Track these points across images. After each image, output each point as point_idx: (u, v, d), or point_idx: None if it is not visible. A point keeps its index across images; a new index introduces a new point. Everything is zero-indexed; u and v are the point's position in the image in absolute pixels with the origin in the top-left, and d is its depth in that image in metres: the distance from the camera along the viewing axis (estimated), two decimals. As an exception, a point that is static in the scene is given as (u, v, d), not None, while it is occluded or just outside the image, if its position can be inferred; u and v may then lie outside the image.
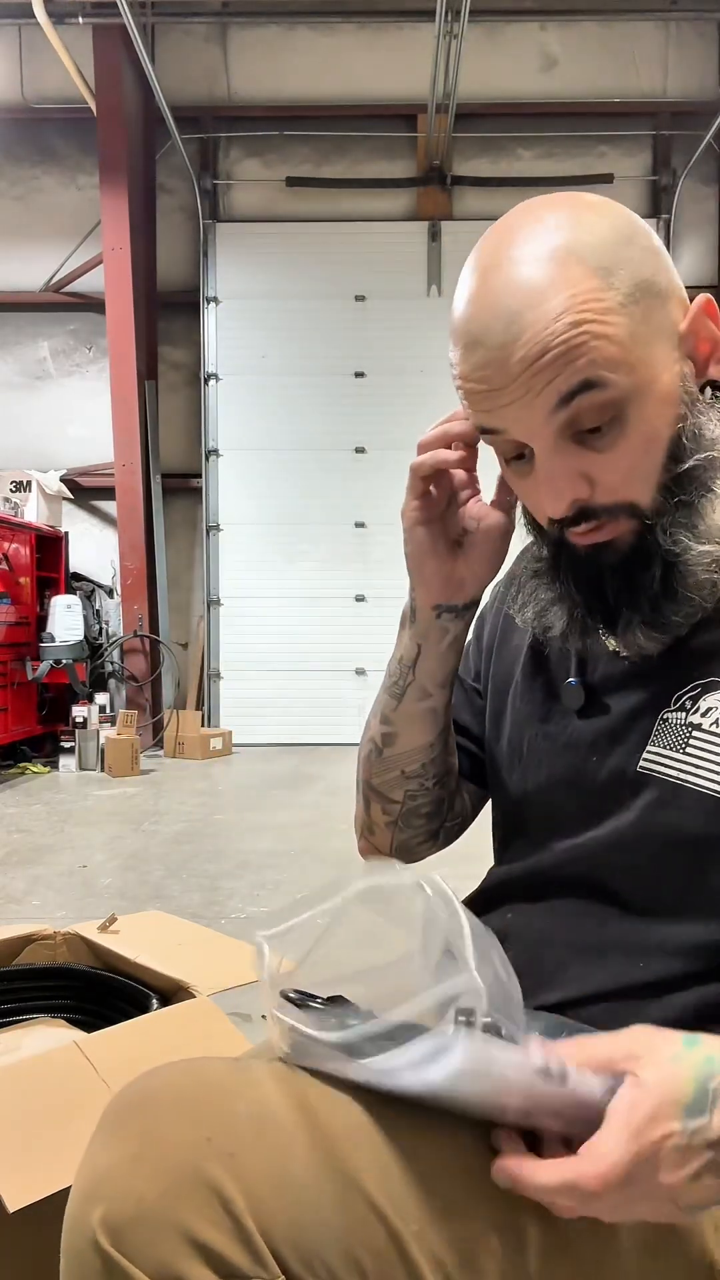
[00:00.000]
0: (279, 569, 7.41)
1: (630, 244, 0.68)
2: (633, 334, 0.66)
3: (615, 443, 0.68)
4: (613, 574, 0.72)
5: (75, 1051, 1.13)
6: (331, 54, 7.28)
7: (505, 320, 0.66)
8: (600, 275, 0.65)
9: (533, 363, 0.65)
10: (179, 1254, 0.53)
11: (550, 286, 0.65)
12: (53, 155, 7.51)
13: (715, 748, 0.69)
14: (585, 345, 0.64)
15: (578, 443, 0.68)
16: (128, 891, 3.32)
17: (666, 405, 0.68)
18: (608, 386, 0.65)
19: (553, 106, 7.27)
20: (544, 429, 0.68)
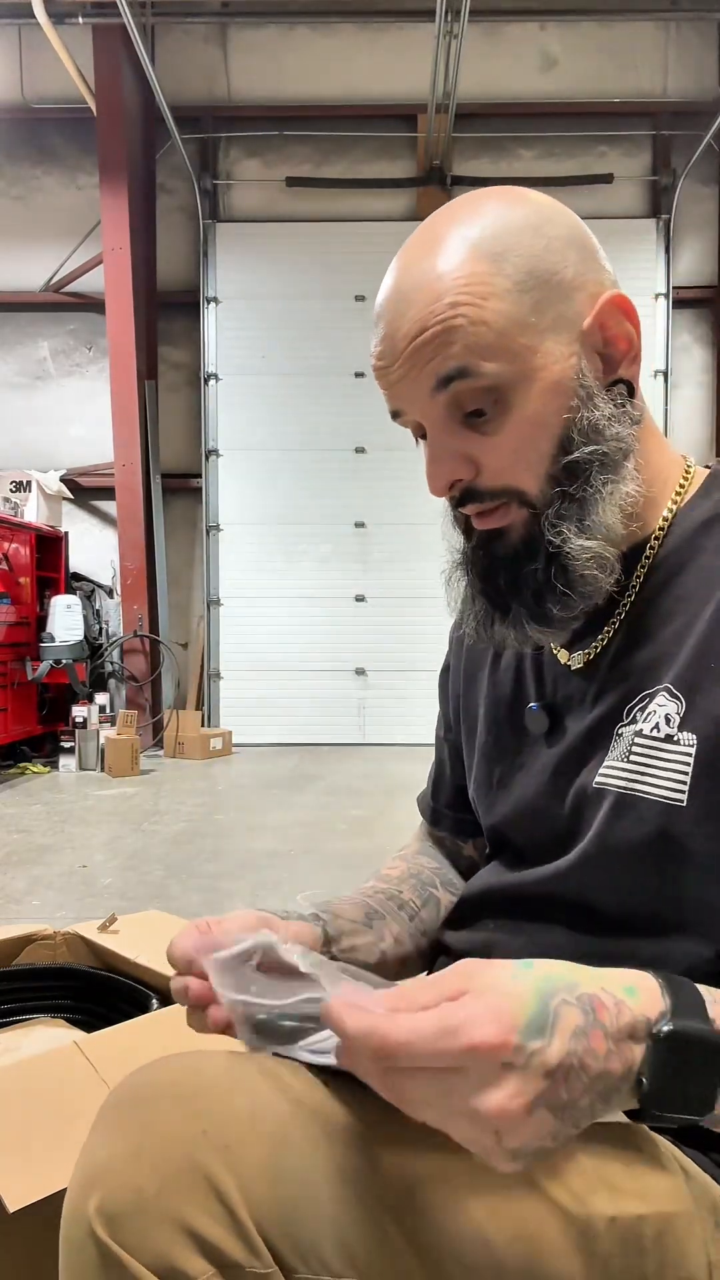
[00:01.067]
0: (279, 569, 7.41)
1: (536, 234, 0.69)
2: (517, 321, 0.67)
3: (499, 427, 0.69)
4: (503, 564, 0.73)
5: (75, 1051, 1.13)
6: (331, 54, 7.28)
7: (397, 300, 0.69)
8: (489, 261, 0.67)
9: (413, 339, 0.67)
10: (175, 1244, 0.54)
11: (437, 270, 0.67)
12: (53, 155, 7.51)
13: (654, 753, 0.69)
14: (461, 329, 0.66)
15: (466, 425, 0.70)
16: (128, 891, 3.32)
17: (556, 395, 0.68)
18: (480, 374, 0.67)
19: (553, 106, 7.27)
20: (429, 409, 0.70)
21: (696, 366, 7.52)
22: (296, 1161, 0.57)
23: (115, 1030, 1.21)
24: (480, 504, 0.72)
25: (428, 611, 7.19)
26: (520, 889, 0.79)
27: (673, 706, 0.69)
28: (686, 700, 0.69)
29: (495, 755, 0.84)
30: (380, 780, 5.63)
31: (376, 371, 0.72)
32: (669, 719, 0.69)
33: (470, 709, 0.92)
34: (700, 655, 0.69)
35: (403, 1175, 0.58)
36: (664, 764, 0.69)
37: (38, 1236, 0.86)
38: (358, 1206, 0.57)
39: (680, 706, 0.69)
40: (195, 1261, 0.54)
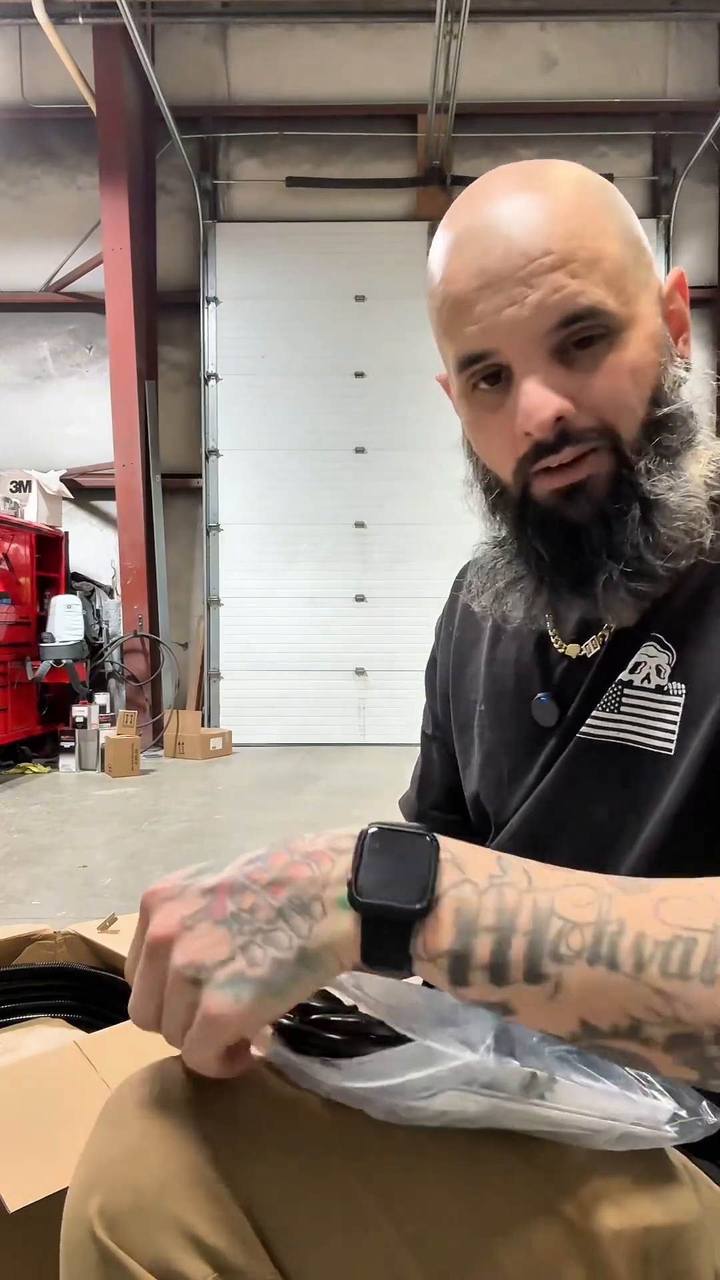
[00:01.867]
0: (279, 569, 7.41)
1: (620, 201, 0.71)
2: (625, 265, 0.68)
3: (604, 362, 0.66)
4: (591, 523, 0.68)
5: (75, 1051, 1.13)
6: (331, 54, 7.28)
7: (511, 214, 0.66)
8: (605, 203, 0.69)
9: (537, 259, 0.64)
10: (175, 1246, 0.53)
11: (556, 200, 0.67)
12: (53, 155, 7.51)
13: (645, 703, 0.69)
14: (588, 259, 0.65)
15: (565, 363, 0.66)
16: (128, 891, 3.32)
17: (652, 346, 0.69)
18: (606, 310, 0.65)
19: (553, 106, 7.27)
20: (537, 345, 0.66)
21: (697, 366, 7.50)
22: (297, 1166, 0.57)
23: (115, 1030, 1.21)
24: (577, 446, 0.67)
25: (428, 611, 7.13)
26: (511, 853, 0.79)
27: (664, 657, 0.69)
28: (677, 651, 0.69)
29: (503, 752, 0.83)
30: (380, 780, 5.63)
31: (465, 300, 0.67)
32: (659, 669, 0.69)
33: (463, 706, 0.90)
34: (692, 605, 0.69)
35: (406, 1182, 0.58)
36: (654, 714, 0.69)
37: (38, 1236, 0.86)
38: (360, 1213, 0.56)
39: (671, 657, 0.69)
40: (196, 1265, 0.53)
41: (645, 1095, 0.58)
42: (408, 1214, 0.57)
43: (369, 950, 0.50)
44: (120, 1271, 0.53)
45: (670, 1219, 0.60)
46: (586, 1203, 0.59)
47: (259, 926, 0.50)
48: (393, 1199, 0.57)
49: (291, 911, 0.50)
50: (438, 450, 7.19)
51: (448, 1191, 0.58)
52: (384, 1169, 0.57)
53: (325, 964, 0.50)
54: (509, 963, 0.49)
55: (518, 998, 0.49)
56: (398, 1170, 0.58)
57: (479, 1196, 0.58)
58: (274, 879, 0.50)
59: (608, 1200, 0.59)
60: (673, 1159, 0.64)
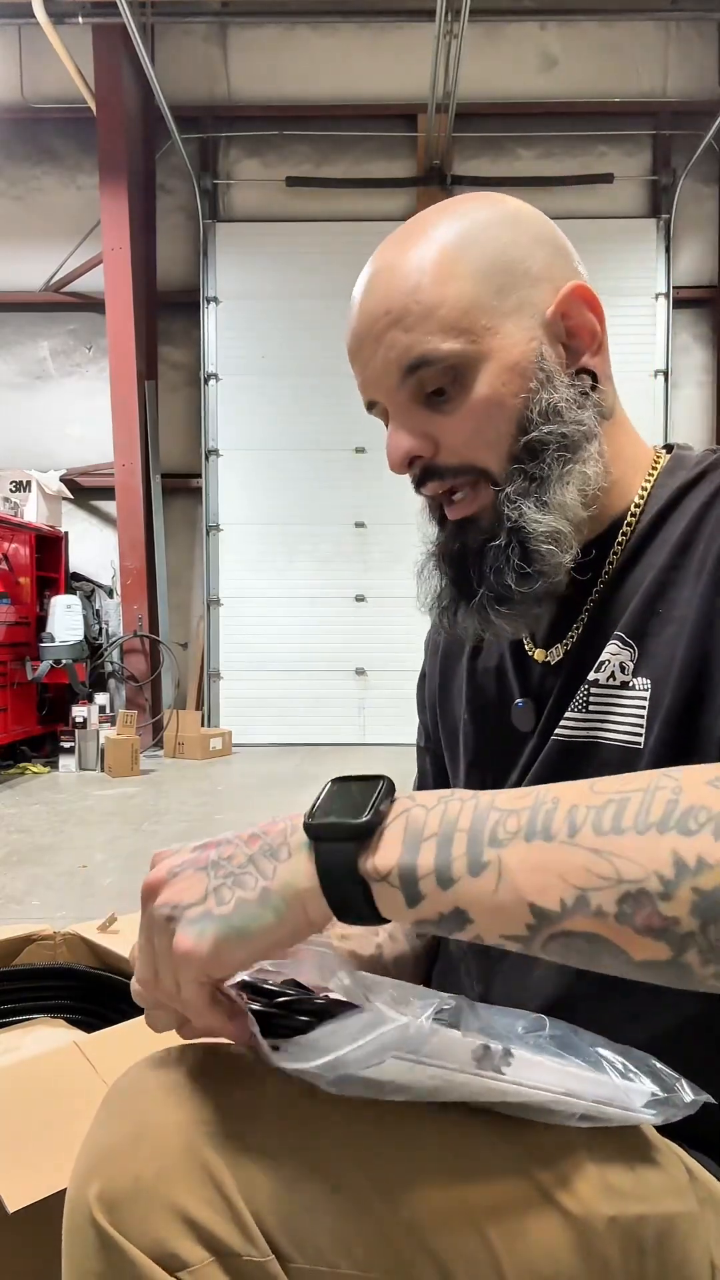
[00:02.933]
0: (279, 569, 7.41)
1: (504, 228, 0.73)
2: (477, 302, 0.70)
3: (459, 405, 0.71)
4: (473, 549, 0.74)
5: (75, 1051, 1.13)
6: (331, 54, 7.28)
7: (366, 286, 0.73)
8: (455, 249, 0.71)
9: (379, 319, 0.71)
10: (172, 1231, 0.54)
11: (405, 257, 0.71)
12: (53, 155, 7.51)
13: (611, 700, 0.71)
14: (421, 311, 0.69)
15: (427, 406, 0.72)
16: (128, 891, 3.32)
17: (514, 376, 0.71)
18: (441, 357, 0.69)
19: (553, 106, 7.27)
20: (394, 394, 0.73)
21: (696, 366, 7.52)
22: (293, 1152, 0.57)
23: (115, 1030, 1.21)
24: (440, 481, 0.74)
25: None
26: None
27: (626, 654, 0.71)
28: (638, 647, 0.70)
29: (486, 761, 0.84)
30: (380, 780, 5.62)
31: (350, 359, 0.75)
32: (623, 667, 0.71)
33: (449, 718, 0.92)
34: (648, 602, 0.70)
35: (401, 1170, 0.58)
36: (621, 710, 0.70)
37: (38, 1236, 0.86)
38: (356, 1198, 0.57)
39: (633, 654, 0.70)
40: (193, 1249, 0.54)
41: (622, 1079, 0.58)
42: (403, 1200, 0.57)
43: (326, 884, 0.52)
44: (119, 1255, 0.54)
45: (665, 1210, 0.61)
46: (582, 1192, 0.59)
47: (231, 871, 0.54)
48: (388, 1185, 0.57)
49: (261, 856, 0.54)
50: (438, 450, 7.18)
51: (443, 1178, 0.58)
52: (380, 1155, 0.58)
53: (289, 906, 0.53)
54: (451, 859, 0.50)
55: (466, 896, 0.50)
56: (393, 1157, 0.58)
57: (474, 1183, 0.58)
58: (249, 835, 0.55)
59: (603, 1190, 0.60)
60: (669, 1150, 0.65)
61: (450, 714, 0.91)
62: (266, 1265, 0.55)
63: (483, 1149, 0.60)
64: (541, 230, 0.75)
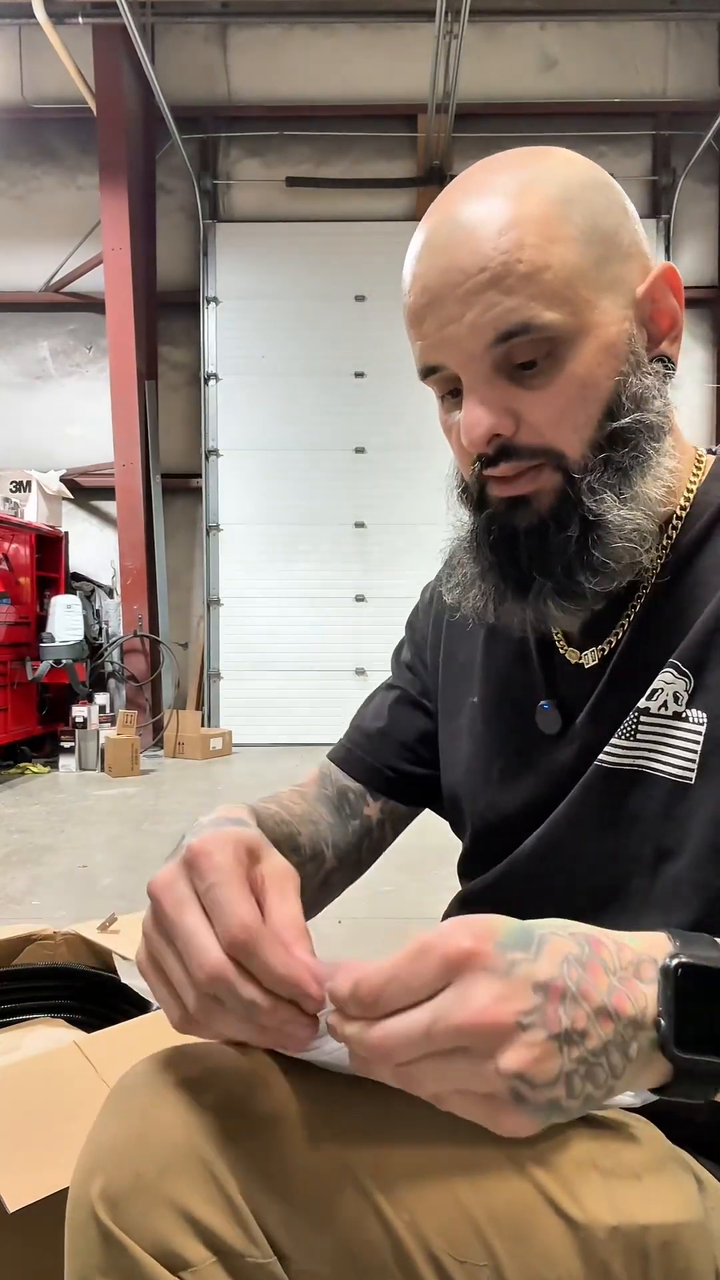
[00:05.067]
0: (279, 569, 7.41)
1: (599, 191, 0.67)
2: (580, 272, 0.64)
3: (549, 381, 0.65)
4: (527, 535, 0.68)
5: (75, 1051, 1.13)
6: (331, 54, 7.28)
7: (452, 232, 0.65)
8: (558, 204, 0.64)
9: (473, 276, 0.63)
10: (174, 1229, 0.54)
11: (501, 206, 0.64)
12: (53, 155, 7.51)
13: (662, 730, 0.68)
14: (525, 272, 0.63)
15: (511, 379, 0.66)
16: (128, 891, 3.32)
17: (609, 355, 0.66)
18: (542, 327, 0.63)
19: (553, 106, 7.27)
20: (478, 361, 0.65)
21: (696, 366, 7.52)
22: (296, 1153, 0.57)
23: (115, 1030, 1.21)
24: (517, 463, 0.67)
25: (428, 611, 7.19)
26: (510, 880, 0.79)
27: (681, 684, 0.67)
28: (695, 677, 0.67)
29: (497, 748, 0.82)
30: (380, 780, 5.63)
31: (416, 315, 0.67)
32: (677, 696, 0.67)
33: (453, 693, 0.88)
34: (710, 631, 0.67)
35: (404, 1172, 0.58)
36: (673, 742, 0.67)
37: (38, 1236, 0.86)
38: (358, 1200, 0.57)
39: (689, 684, 0.67)
40: (195, 1248, 0.54)
41: None
42: (405, 1203, 0.57)
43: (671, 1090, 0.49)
44: (121, 1253, 0.54)
45: (670, 1218, 0.60)
46: (585, 1199, 0.59)
47: (585, 1056, 0.46)
48: (391, 1187, 0.57)
49: (613, 1049, 0.47)
50: (438, 450, 7.15)
51: (446, 1183, 0.58)
52: (383, 1157, 0.58)
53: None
54: None
55: None
56: (397, 1159, 0.58)
57: (478, 1187, 0.58)
58: (600, 1006, 0.46)
59: (606, 1198, 0.59)
60: (677, 1158, 0.64)
61: (454, 689, 0.88)
62: (269, 1266, 0.55)
63: (487, 1154, 0.59)
64: (625, 200, 0.69)
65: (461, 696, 0.87)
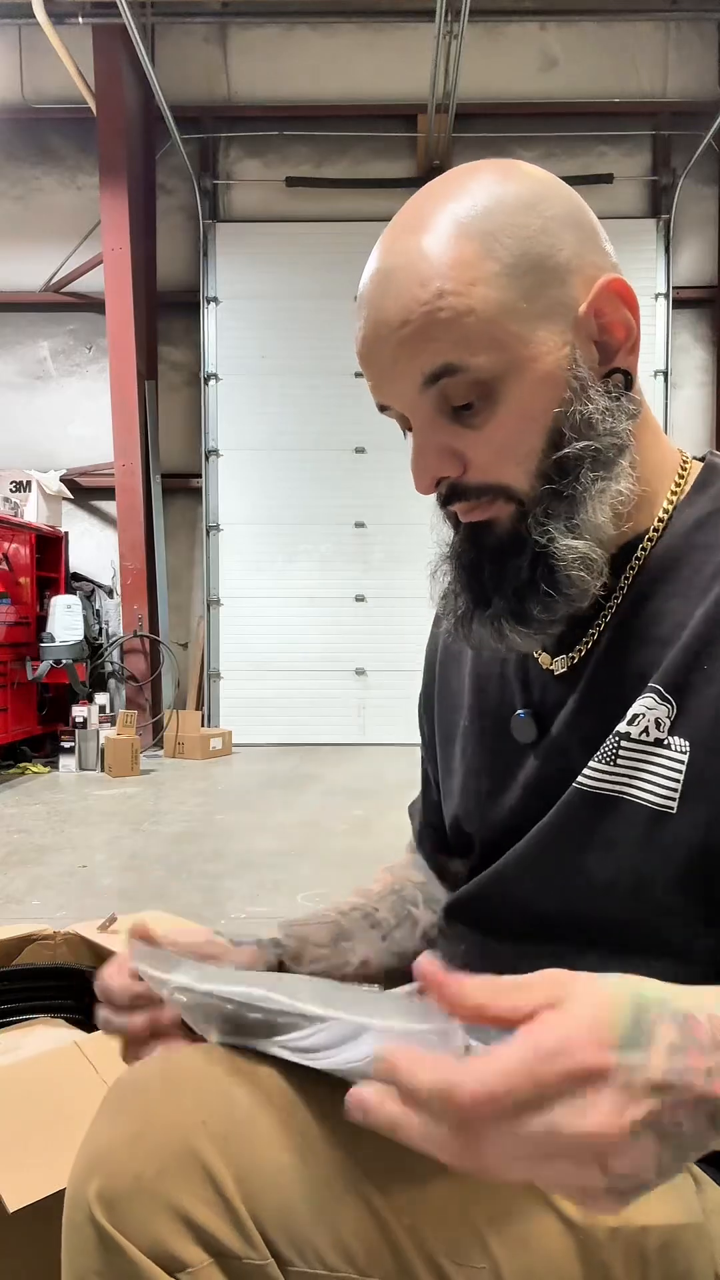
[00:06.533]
0: (279, 569, 7.41)
1: (531, 212, 0.64)
2: (507, 308, 0.63)
3: (486, 421, 0.65)
4: (489, 557, 0.69)
5: (75, 1051, 1.13)
6: (331, 54, 7.28)
7: (381, 284, 0.65)
8: (478, 241, 0.63)
9: (397, 330, 0.64)
10: (171, 1231, 0.54)
11: (422, 251, 0.63)
12: (53, 155, 7.51)
13: (643, 757, 0.66)
14: (447, 320, 0.62)
15: (453, 419, 0.66)
16: (128, 891, 3.32)
17: (547, 387, 0.65)
18: (468, 369, 0.63)
19: (553, 106, 7.27)
20: (415, 404, 0.67)
21: (696, 366, 7.52)
22: (294, 1155, 0.57)
23: (115, 1030, 1.21)
24: (467, 502, 0.68)
25: (428, 611, 7.13)
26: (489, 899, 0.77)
27: (663, 710, 0.66)
28: (677, 703, 0.66)
29: (481, 767, 0.81)
30: (380, 780, 5.63)
31: (360, 361, 0.69)
32: (659, 723, 0.66)
33: (447, 721, 0.88)
34: (692, 656, 0.65)
35: (404, 1176, 0.58)
36: (653, 769, 0.66)
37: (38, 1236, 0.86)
38: (356, 1203, 0.57)
39: (671, 710, 0.66)
40: (192, 1250, 0.54)
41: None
42: (404, 1205, 0.57)
43: None
44: (118, 1254, 0.54)
45: (669, 1219, 0.60)
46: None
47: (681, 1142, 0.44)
48: (390, 1189, 0.57)
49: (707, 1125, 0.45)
50: (438, 450, 7.18)
51: (445, 1184, 0.58)
52: (381, 1161, 0.58)
53: None
54: None
55: None
56: (395, 1162, 0.58)
57: (476, 1190, 0.58)
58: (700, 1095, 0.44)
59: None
60: None
61: (448, 716, 0.88)
62: (266, 1268, 0.55)
63: None
64: (568, 208, 0.66)
65: (454, 721, 0.86)
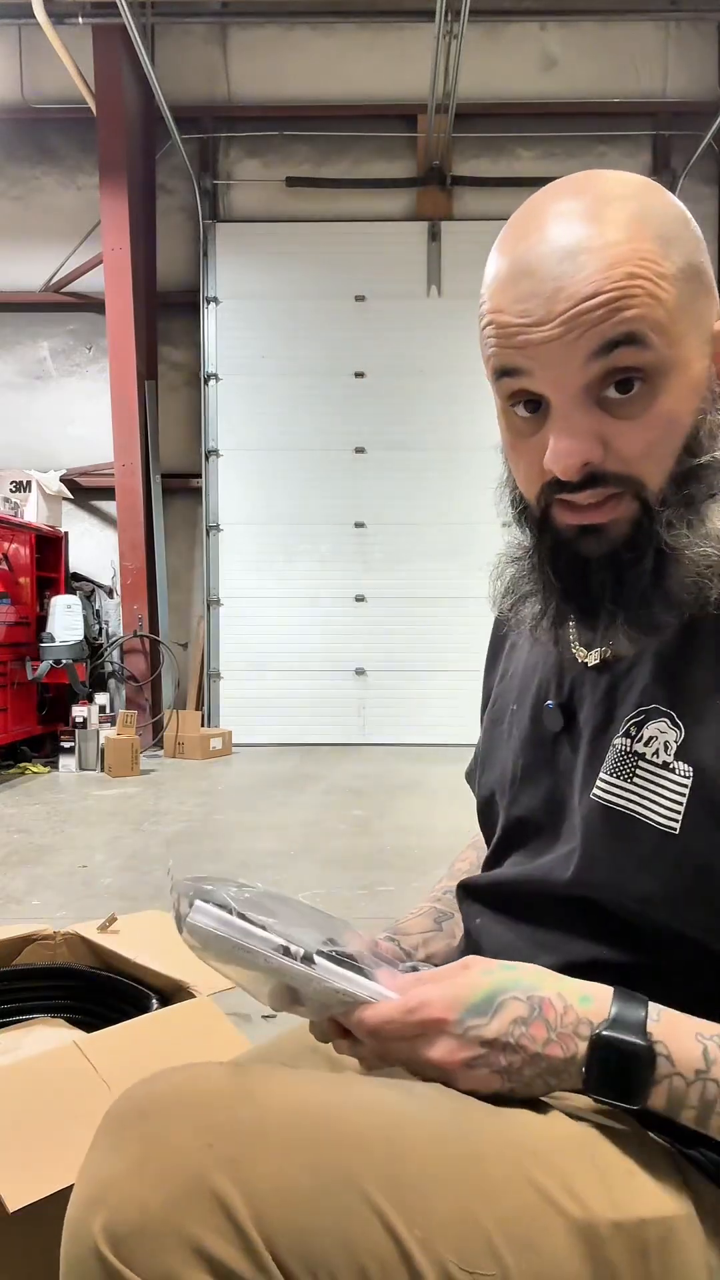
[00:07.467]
0: (279, 569, 7.41)
1: (687, 227, 0.69)
2: (679, 308, 0.65)
3: (641, 412, 0.65)
4: (599, 564, 0.68)
5: (75, 1051, 1.13)
6: (331, 54, 7.28)
7: (562, 254, 0.64)
8: (661, 242, 0.65)
9: (582, 301, 0.63)
10: (184, 1264, 0.53)
11: (614, 235, 0.64)
12: (53, 155, 7.51)
13: (657, 779, 0.69)
14: (637, 299, 0.63)
15: (600, 406, 0.66)
16: (128, 891, 3.32)
17: (693, 393, 0.66)
18: (649, 346, 0.63)
19: (553, 106, 7.27)
20: (574, 378, 0.65)
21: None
22: (304, 1174, 0.56)
23: (115, 1030, 1.21)
24: (600, 489, 0.67)
25: (428, 611, 7.19)
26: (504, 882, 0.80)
27: (672, 735, 0.69)
28: (686, 730, 0.68)
29: (519, 752, 0.83)
30: (380, 780, 5.63)
31: (508, 329, 0.66)
32: (667, 746, 0.68)
33: (501, 704, 0.90)
34: (709, 688, 0.68)
35: (413, 1187, 0.57)
36: (661, 790, 0.68)
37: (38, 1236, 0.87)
38: (369, 1218, 0.56)
39: (679, 735, 0.68)
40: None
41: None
42: (416, 1217, 0.56)
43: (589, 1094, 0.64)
44: None
45: (664, 1212, 0.61)
46: (585, 1196, 0.59)
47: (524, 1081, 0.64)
48: (401, 1202, 0.57)
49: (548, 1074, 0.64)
50: (438, 450, 7.19)
51: (453, 1193, 0.58)
52: (391, 1174, 0.57)
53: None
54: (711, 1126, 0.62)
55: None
56: (407, 1174, 0.58)
57: (484, 1197, 0.58)
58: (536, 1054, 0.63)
59: (605, 1193, 0.60)
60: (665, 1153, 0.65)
61: (502, 699, 0.90)
62: None
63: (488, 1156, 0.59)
64: (699, 232, 0.70)
65: (505, 708, 0.88)
